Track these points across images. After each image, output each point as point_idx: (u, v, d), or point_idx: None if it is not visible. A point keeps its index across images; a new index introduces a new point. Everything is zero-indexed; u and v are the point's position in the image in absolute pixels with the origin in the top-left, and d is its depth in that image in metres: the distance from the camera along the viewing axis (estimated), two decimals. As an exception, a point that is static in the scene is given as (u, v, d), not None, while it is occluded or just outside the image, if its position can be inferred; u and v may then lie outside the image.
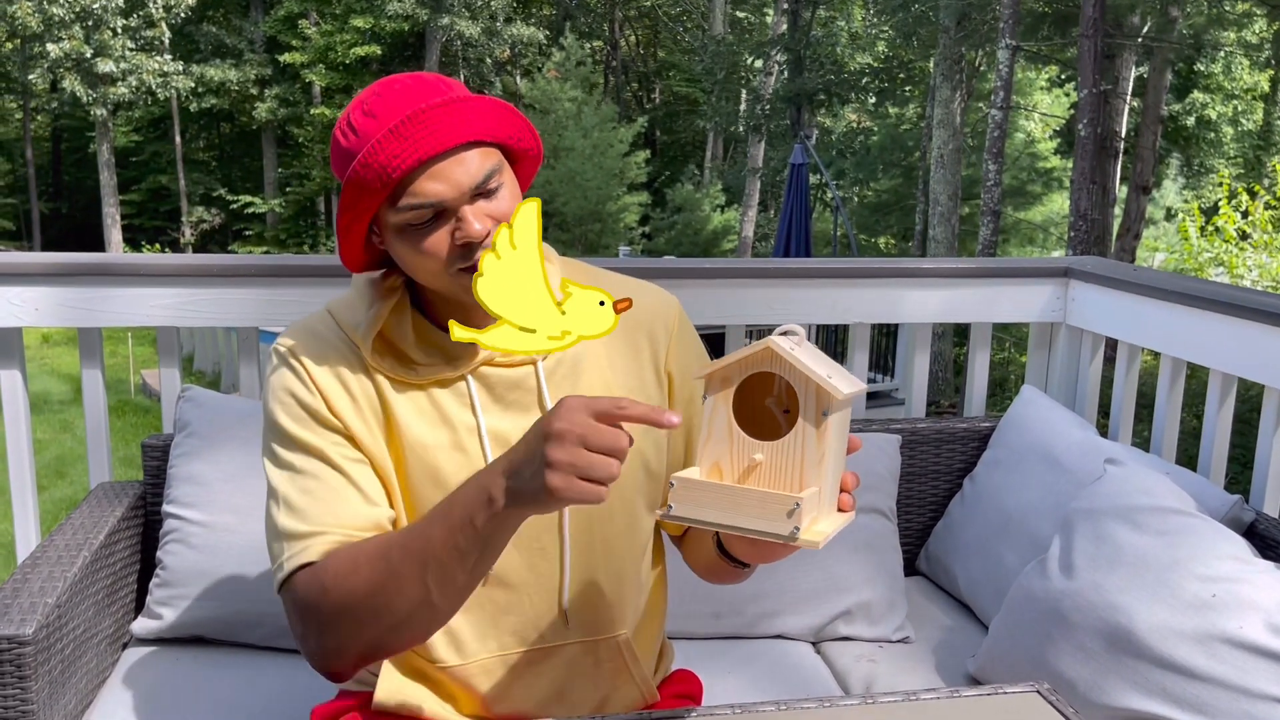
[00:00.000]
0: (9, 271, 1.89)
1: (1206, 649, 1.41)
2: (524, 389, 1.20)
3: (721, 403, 0.98)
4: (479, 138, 1.10)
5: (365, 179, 1.06)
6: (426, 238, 1.10)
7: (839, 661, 1.86)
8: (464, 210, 1.09)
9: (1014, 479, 1.98)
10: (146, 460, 1.92)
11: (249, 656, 1.77)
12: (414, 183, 1.07)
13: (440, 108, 1.07)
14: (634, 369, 1.26)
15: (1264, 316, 1.78)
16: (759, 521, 0.94)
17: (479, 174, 1.10)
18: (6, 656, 1.41)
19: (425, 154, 1.06)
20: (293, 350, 1.17)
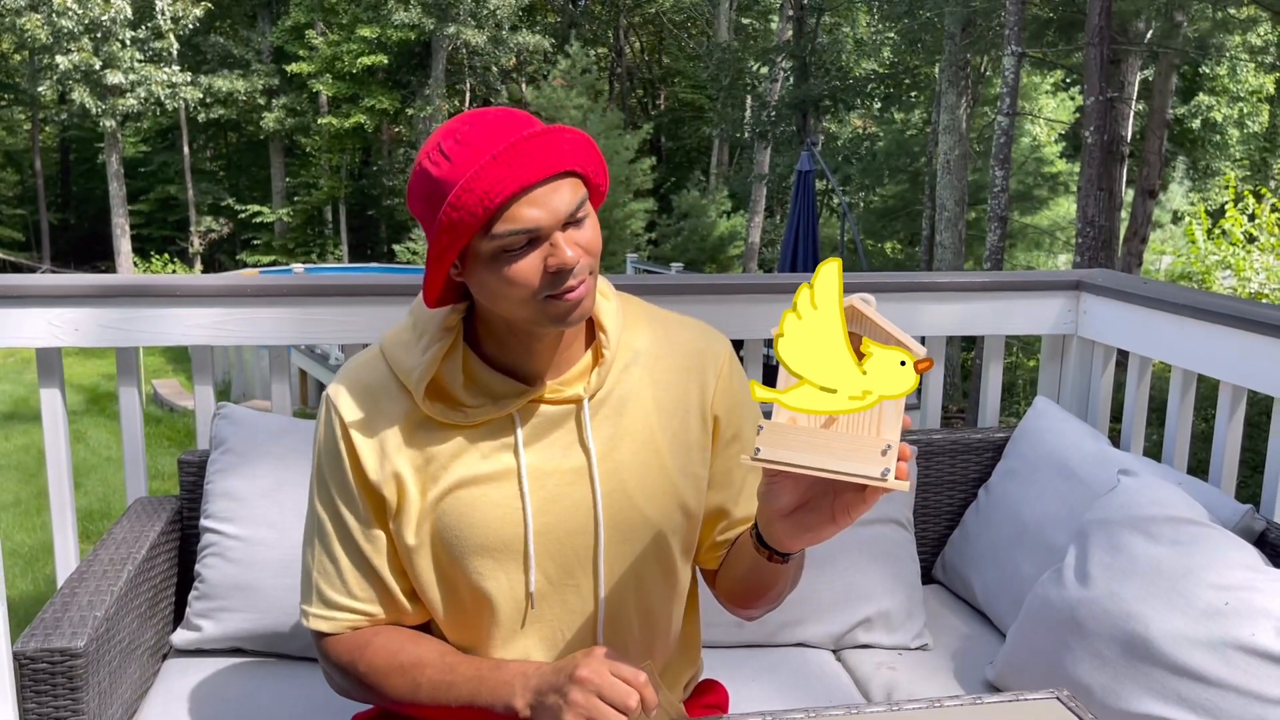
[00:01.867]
0: (49, 293, 1.94)
1: (1220, 655, 1.46)
2: (566, 428, 1.22)
3: None
4: (571, 168, 1.12)
5: (466, 204, 1.07)
6: (518, 264, 1.11)
7: (859, 669, 1.90)
8: (557, 237, 1.11)
9: (1029, 489, 2.03)
10: (183, 475, 1.97)
11: (288, 667, 1.82)
12: (510, 209, 1.09)
13: (538, 137, 1.10)
14: (679, 411, 1.27)
15: (1272, 330, 1.82)
16: (850, 463, 0.95)
17: (572, 203, 1.12)
18: (59, 668, 1.46)
19: (526, 181, 1.08)
20: (337, 405, 1.22)
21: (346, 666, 1.25)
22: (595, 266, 1.17)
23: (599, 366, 1.24)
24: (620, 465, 1.23)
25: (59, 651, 1.45)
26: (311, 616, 1.26)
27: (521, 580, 1.24)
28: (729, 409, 1.30)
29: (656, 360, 1.28)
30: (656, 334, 1.29)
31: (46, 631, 1.48)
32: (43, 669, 1.45)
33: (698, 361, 1.29)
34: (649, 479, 1.25)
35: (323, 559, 1.25)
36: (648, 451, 1.25)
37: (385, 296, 2.04)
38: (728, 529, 1.32)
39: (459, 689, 1.18)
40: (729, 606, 1.34)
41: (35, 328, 1.94)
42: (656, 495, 1.25)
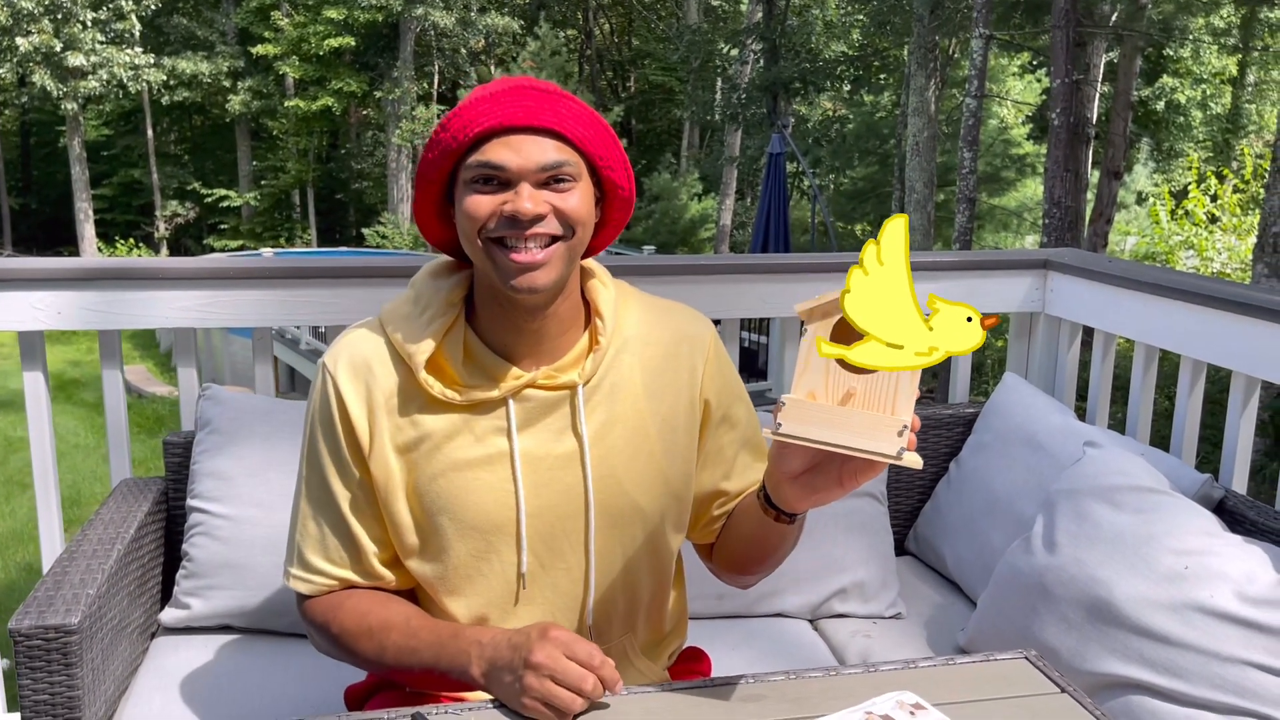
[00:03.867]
0: (31, 277, 1.95)
1: (1180, 617, 1.52)
2: (560, 413, 1.24)
3: (819, 334, 1.03)
4: (564, 133, 1.14)
5: (452, 127, 1.13)
6: (478, 198, 1.14)
7: (836, 637, 1.96)
8: (523, 186, 1.13)
9: (998, 462, 2.09)
10: (168, 457, 1.99)
11: (276, 643, 1.85)
12: (488, 143, 1.13)
13: (540, 92, 1.14)
14: (667, 396, 1.29)
15: (1231, 305, 1.89)
16: (866, 440, 0.99)
17: (550, 158, 1.13)
18: (54, 645, 1.48)
19: (508, 121, 1.12)
20: (333, 372, 1.24)
21: (321, 627, 1.28)
22: (574, 243, 1.18)
23: (594, 353, 1.26)
24: (611, 451, 1.26)
25: (54, 628, 1.48)
26: (292, 577, 1.29)
27: (513, 561, 1.27)
28: (718, 391, 1.34)
29: (645, 346, 1.30)
30: (644, 319, 1.32)
31: (40, 609, 1.50)
32: (38, 645, 1.48)
33: (685, 347, 1.32)
34: (638, 464, 1.28)
35: (307, 522, 1.27)
36: (638, 437, 1.27)
37: (369, 278, 2.06)
38: (724, 504, 1.36)
39: (421, 654, 1.21)
40: (725, 575, 1.38)
41: (17, 311, 1.95)
42: (645, 480, 1.28)
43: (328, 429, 1.25)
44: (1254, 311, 1.83)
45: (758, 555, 1.30)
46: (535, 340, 1.23)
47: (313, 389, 1.27)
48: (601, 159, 1.19)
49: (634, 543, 1.30)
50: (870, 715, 1.20)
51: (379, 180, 24.16)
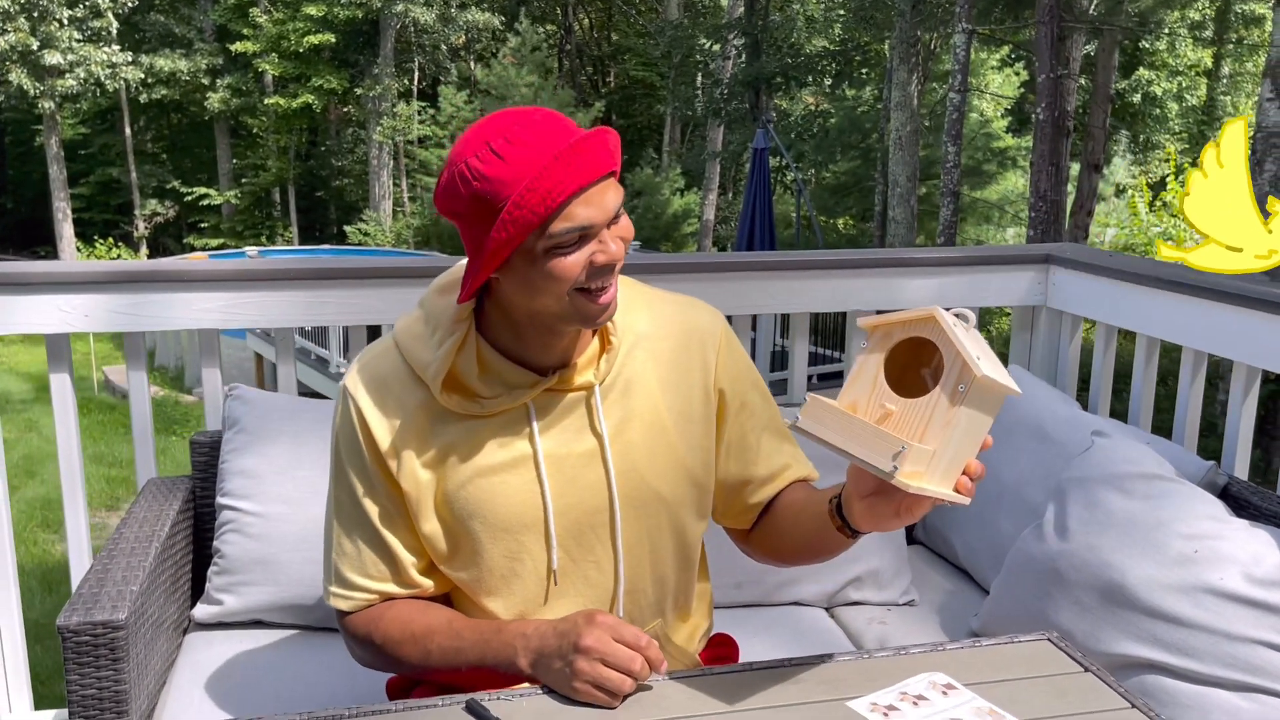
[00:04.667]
0: (59, 280, 1.98)
1: (1191, 599, 1.58)
2: (578, 413, 1.29)
3: (876, 350, 1.07)
4: (614, 168, 1.19)
5: (530, 203, 1.11)
6: (567, 259, 1.15)
7: (852, 624, 2.02)
8: (604, 234, 1.17)
9: (1006, 452, 2.14)
10: (195, 456, 2.03)
11: (308, 637, 1.88)
12: (569, 207, 1.13)
13: (592, 139, 1.15)
14: (682, 388, 1.34)
15: (1231, 298, 1.95)
16: (866, 452, 1.03)
17: (618, 202, 1.18)
18: (103, 640, 1.52)
19: (584, 181, 1.13)
20: (354, 395, 1.28)
21: (364, 639, 1.33)
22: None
23: (607, 354, 1.30)
24: (631, 445, 1.30)
25: (102, 624, 1.51)
26: (333, 595, 1.34)
27: (544, 559, 1.31)
28: (732, 380, 1.38)
29: (657, 341, 1.34)
30: (654, 314, 1.36)
31: (87, 606, 1.54)
32: (86, 642, 1.51)
33: (696, 339, 1.36)
34: (658, 456, 1.32)
35: (342, 540, 1.32)
36: (655, 430, 1.32)
37: (391, 279, 2.10)
38: (755, 490, 1.40)
39: (466, 653, 1.26)
40: (765, 558, 1.43)
41: (45, 314, 1.98)
42: (666, 471, 1.33)
43: (353, 450, 1.28)
44: (1253, 303, 1.89)
45: (810, 554, 1.36)
46: (554, 346, 1.27)
47: (335, 412, 1.31)
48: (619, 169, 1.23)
49: (659, 532, 1.35)
50: (905, 696, 1.25)
51: (360, 178, 24.09)
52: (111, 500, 8.51)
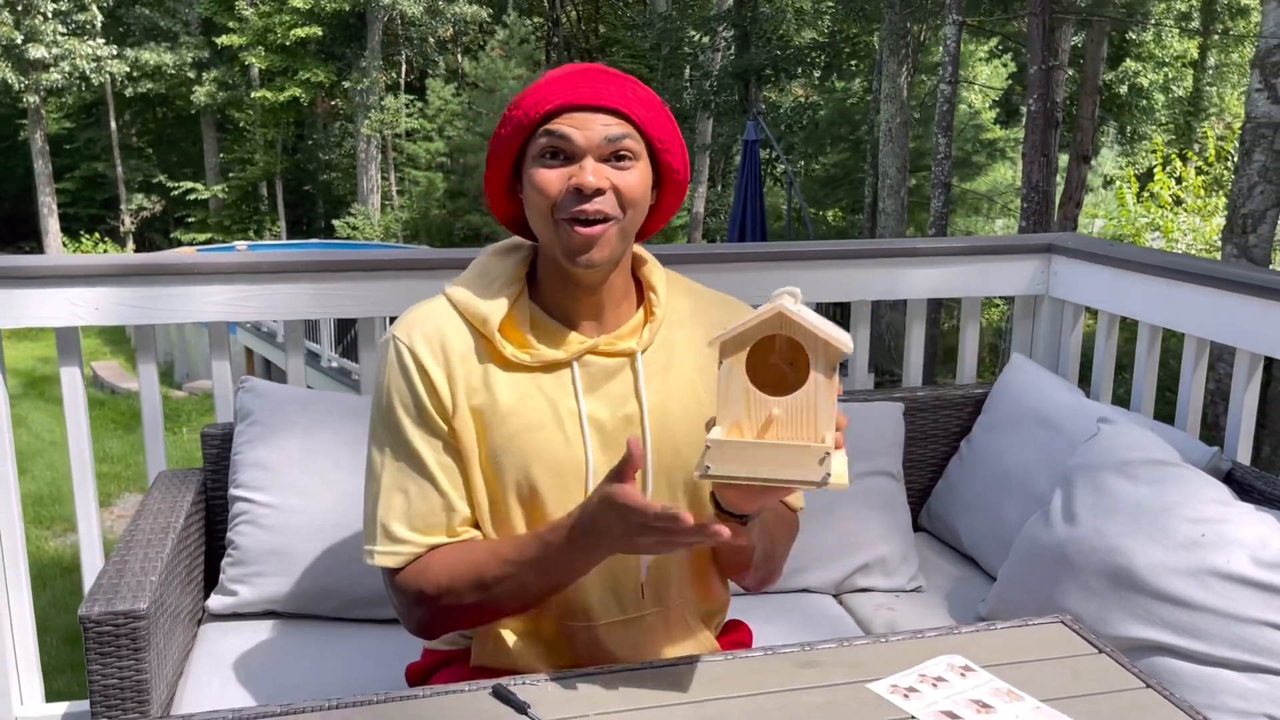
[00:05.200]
0: (69, 273, 1.98)
1: (1199, 582, 1.61)
2: (620, 379, 1.33)
3: (736, 365, 1.07)
4: (628, 113, 1.23)
5: (523, 104, 1.23)
6: (547, 172, 1.23)
7: (860, 610, 2.04)
8: (587, 160, 1.22)
9: (1010, 440, 2.17)
10: (206, 448, 2.03)
11: (322, 627, 1.89)
12: (556, 119, 1.22)
13: (605, 75, 1.23)
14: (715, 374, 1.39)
15: (1233, 285, 1.98)
16: (793, 472, 1.04)
17: (612, 133, 1.22)
18: (124, 630, 1.53)
19: (575, 100, 1.21)
20: (407, 341, 1.30)
21: (416, 594, 1.29)
22: (625, 223, 1.26)
23: (650, 323, 1.35)
24: (668, 415, 1.34)
25: (123, 614, 1.52)
26: (378, 555, 1.30)
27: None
28: None
29: (697, 328, 1.39)
30: (696, 303, 1.42)
31: (108, 596, 1.54)
32: (107, 632, 1.52)
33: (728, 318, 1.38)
34: (692, 431, 1.35)
35: (391, 496, 1.30)
36: (693, 405, 1.36)
37: (400, 271, 2.11)
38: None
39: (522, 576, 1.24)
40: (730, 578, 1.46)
41: (55, 307, 1.98)
42: (694, 438, 1.34)
43: (408, 393, 1.29)
44: (1256, 290, 1.92)
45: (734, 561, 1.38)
46: (594, 310, 1.32)
47: (383, 364, 1.31)
48: (661, 142, 1.27)
49: (685, 506, 1.36)
50: (924, 677, 1.28)
51: (348, 171, 24.00)
52: (104, 496, 8.47)
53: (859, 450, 2.15)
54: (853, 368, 2.50)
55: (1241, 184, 7.20)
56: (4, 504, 2.05)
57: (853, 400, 2.25)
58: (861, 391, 2.36)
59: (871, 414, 2.20)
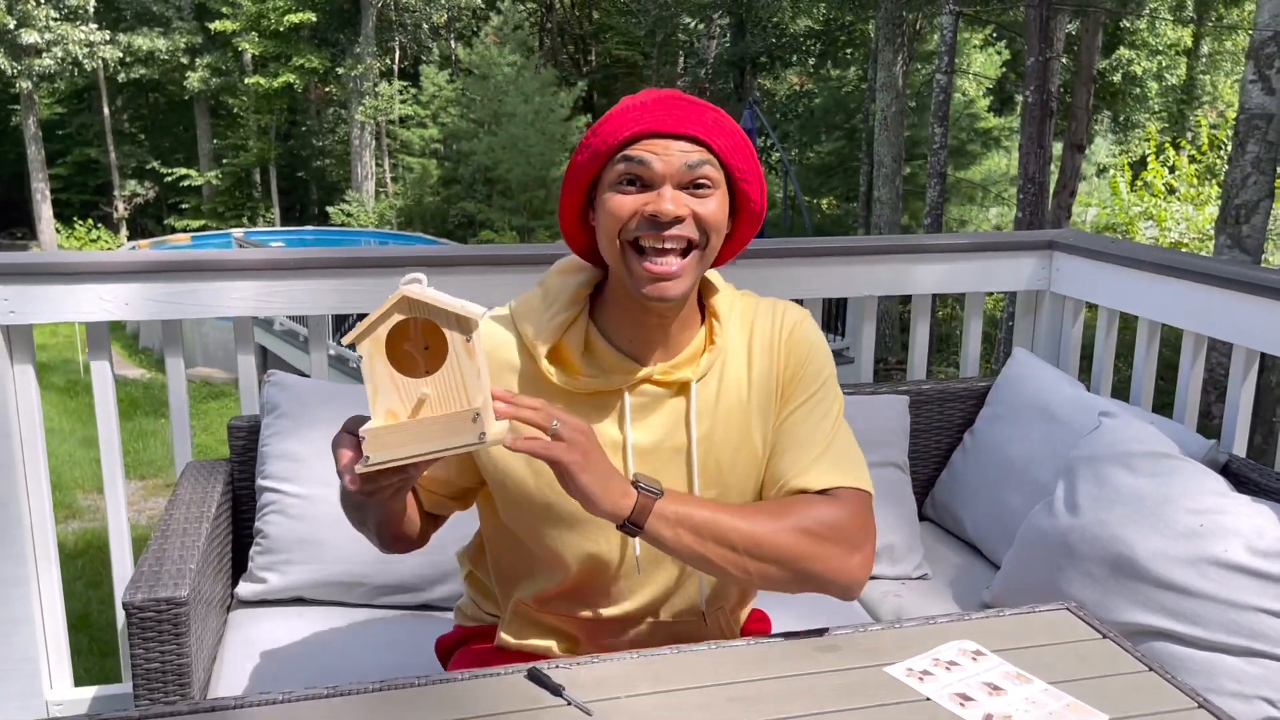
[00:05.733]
0: (100, 270, 2.03)
1: (1198, 570, 1.68)
2: (671, 407, 1.31)
3: (376, 356, 1.06)
4: (708, 141, 1.21)
5: (602, 132, 1.21)
6: (621, 197, 1.20)
7: (869, 596, 2.10)
8: (665, 188, 1.19)
9: (1014, 431, 2.23)
10: (232, 439, 2.09)
11: (349, 613, 1.96)
12: (636, 145, 1.20)
13: (687, 103, 1.21)
14: (765, 391, 1.34)
15: (1230, 283, 2.04)
16: (449, 439, 1.05)
17: (692, 159, 1.20)
18: (166, 616, 1.58)
19: (655, 128, 1.19)
20: None
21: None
22: (706, 251, 1.24)
23: (709, 351, 1.32)
24: (716, 445, 1.33)
25: (165, 601, 1.58)
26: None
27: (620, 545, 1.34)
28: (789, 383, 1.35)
29: (749, 345, 1.36)
30: (748, 317, 1.37)
31: (150, 583, 1.60)
32: (150, 618, 1.58)
33: (776, 337, 1.36)
34: (740, 457, 1.34)
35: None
36: (741, 432, 1.34)
37: (422, 268, 2.15)
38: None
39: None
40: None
41: (87, 303, 2.03)
42: (743, 470, 1.35)
43: None
44: (1253, 288, 1.98)
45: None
46: (655, 337, 1.30)
47: None
48: (740, 171, 1.25)
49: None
50: (938, 661, 1.34)
51: (342, 158, 23.95)
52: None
53: (867, 442, 2.20)
54: (859, 361, 2.56)
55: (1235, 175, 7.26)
56: (36, 495, 2.10)
57: (859, 394, 2.31)
58: (868, 385, 2.42)
59: (877, 406, 2.27)
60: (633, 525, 1.20)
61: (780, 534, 1.26)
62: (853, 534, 1.30)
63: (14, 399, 2.04)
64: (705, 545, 1.24)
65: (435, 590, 1.99)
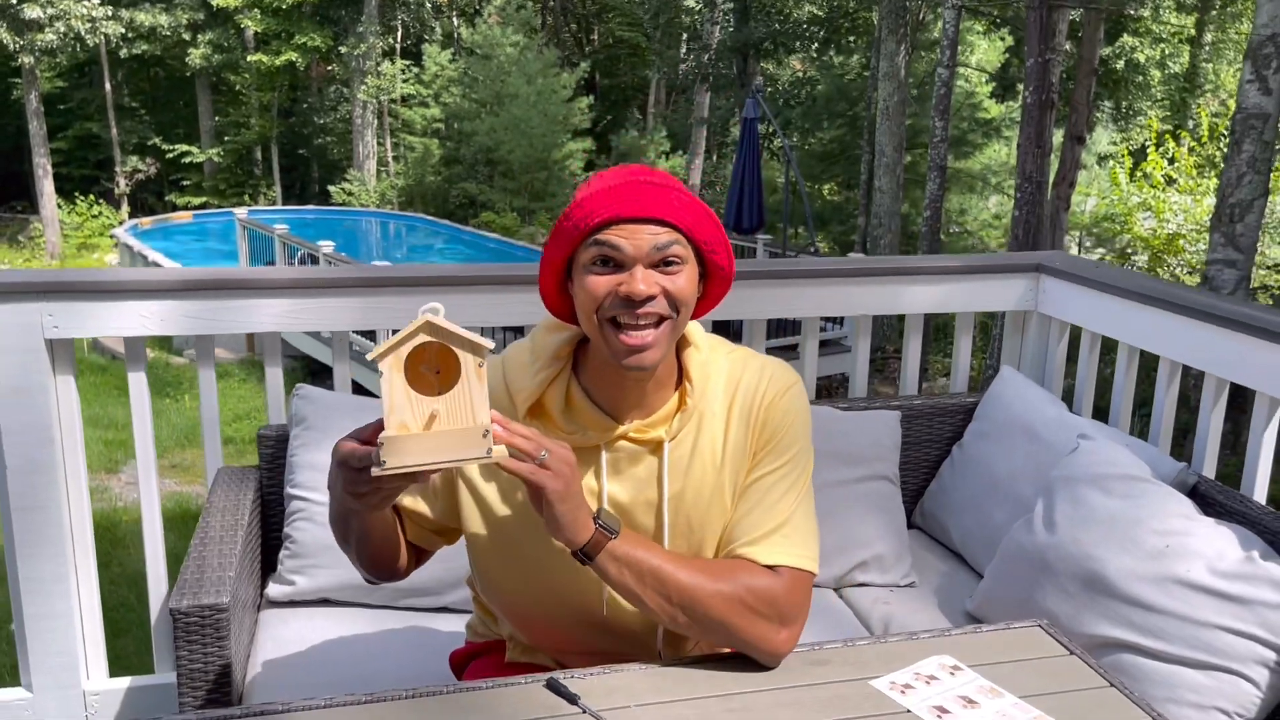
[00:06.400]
0: (139, 288, 2.15)
1: (1162, 588, 1.81)
2: (646, 464, 1.40)
3: (395, 372, 1.15)
4: (675, 222, 1.29)
5: (575, 216, 1.29)
6: (596, 278, 1.29)
7: (859, 604, 2.24)
8: (637, 269, 1.28)
9: (999, 448, 2.36)
10: (262, 448, 2.22)
11: (372, 614, 2.09)
12: (607, 230, 1.28)
13: (655, 186, 1.29)
14: (738, 452, 1.42)
15: (1202, 315, 2.17)
16: (460, 452, 1.15)
17: (660, 241, 1.28)
18: (209, 621, 1.72)
19: (624, 213, 1.28)
20: None
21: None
22: (677, 322, 1.32)
23: (682, 413, 1.40)
24: (687, 504, 1.42)
25: (208, 607, 1.71)
26: None
27: (596, 592, 1.44)
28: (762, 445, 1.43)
29: (729, 408, 1.43)
30: (733, 379, 1.44)
31: (194, 590, 1.74)
32: (194, 622, 1.71)
33: (756, 404, 1.43)
34: (712, 515, 1.44)
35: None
36: (714, 492, 1.43)
37: (441, 287, 2.29)
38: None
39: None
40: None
41: (126, 318, 2.15)
42: (715, 527, 1.46)
43: None
44: (1224, 321, 2.11)
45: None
46: (631, 397, 1.38)
47: None
48: (706, 244, 1.34)
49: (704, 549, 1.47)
50: (919, 675, 1.47)
51: (343, 136, 23.98)
52: (110, 463, 8.63)
53: (859, 456, 2.35)
54: (854, 378, 2.69)
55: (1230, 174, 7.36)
56: (76, 499, 2.23)
57: (854, 409, 2.44)
58: (861, 400, 2.55)
59: (870, 422, 2.40)
60: (584, 555, 1.31)
61: (715, 597, 1.36)
62: (785, 610, 1.39)
63: (56, 409, 2.17)
64: (644, 590, 1.34)
65: (451, 594, 2.12)
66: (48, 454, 2.17)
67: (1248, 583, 1.76)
